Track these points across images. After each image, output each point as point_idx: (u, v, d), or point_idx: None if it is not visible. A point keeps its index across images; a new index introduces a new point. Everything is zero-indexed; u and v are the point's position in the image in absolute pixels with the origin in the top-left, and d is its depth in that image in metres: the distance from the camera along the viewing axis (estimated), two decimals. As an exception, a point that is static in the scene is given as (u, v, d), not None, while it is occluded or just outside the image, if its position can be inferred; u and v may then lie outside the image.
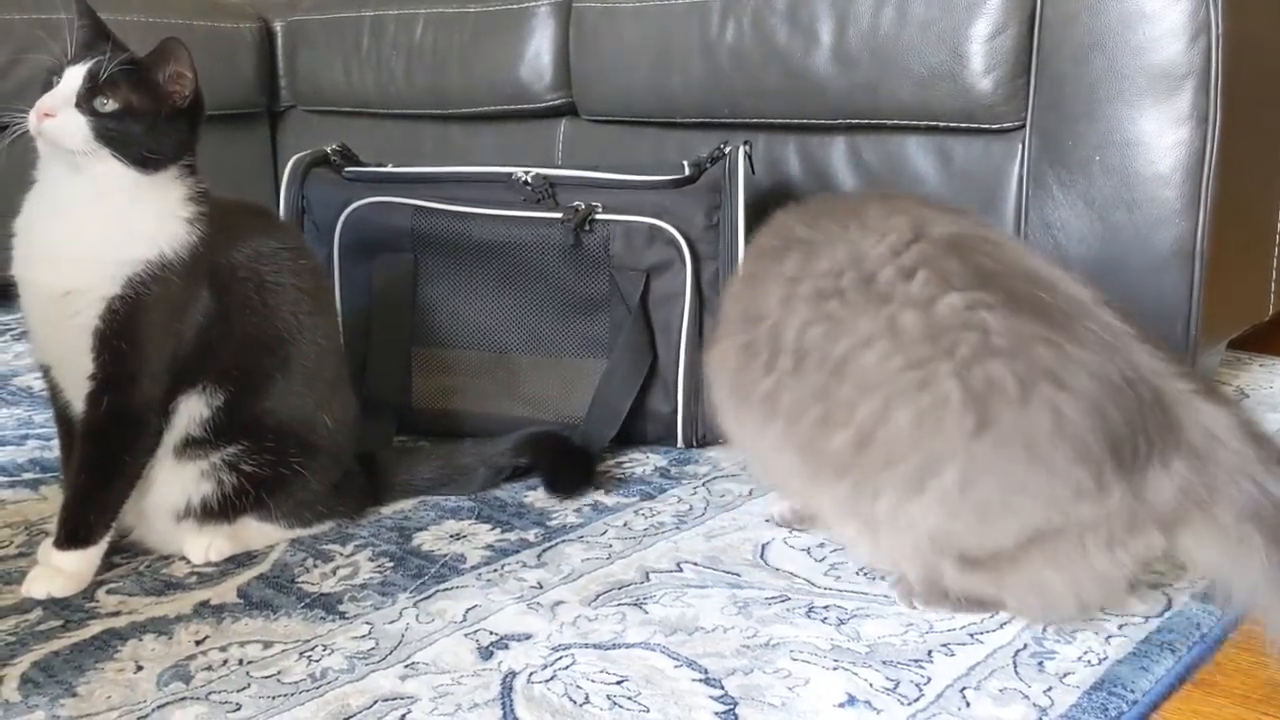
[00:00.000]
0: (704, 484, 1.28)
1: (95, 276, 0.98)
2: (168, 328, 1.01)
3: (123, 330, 0.98)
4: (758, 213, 1.46)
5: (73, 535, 1.00)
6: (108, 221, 0.99)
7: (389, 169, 1.52)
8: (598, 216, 1.40)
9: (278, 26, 2.40)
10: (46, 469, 1.32)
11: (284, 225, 1.16)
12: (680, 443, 1.41)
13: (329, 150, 1.53)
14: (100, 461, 1.01)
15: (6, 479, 1.29)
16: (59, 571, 1.01)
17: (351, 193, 1.47)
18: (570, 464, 1.27)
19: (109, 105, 0.97)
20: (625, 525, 1.16)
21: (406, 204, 1.45)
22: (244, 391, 1.06)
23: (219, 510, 1.07)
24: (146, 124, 0.99)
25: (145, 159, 0.99)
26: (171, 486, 1.06)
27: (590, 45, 1.82)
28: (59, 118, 0.96)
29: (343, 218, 1.45)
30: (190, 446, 1.05)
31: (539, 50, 1.91)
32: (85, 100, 0.97)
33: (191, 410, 1.04)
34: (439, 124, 2.11)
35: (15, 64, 2.12)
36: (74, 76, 0.98)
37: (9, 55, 2.10)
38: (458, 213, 1.43)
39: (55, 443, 1.39)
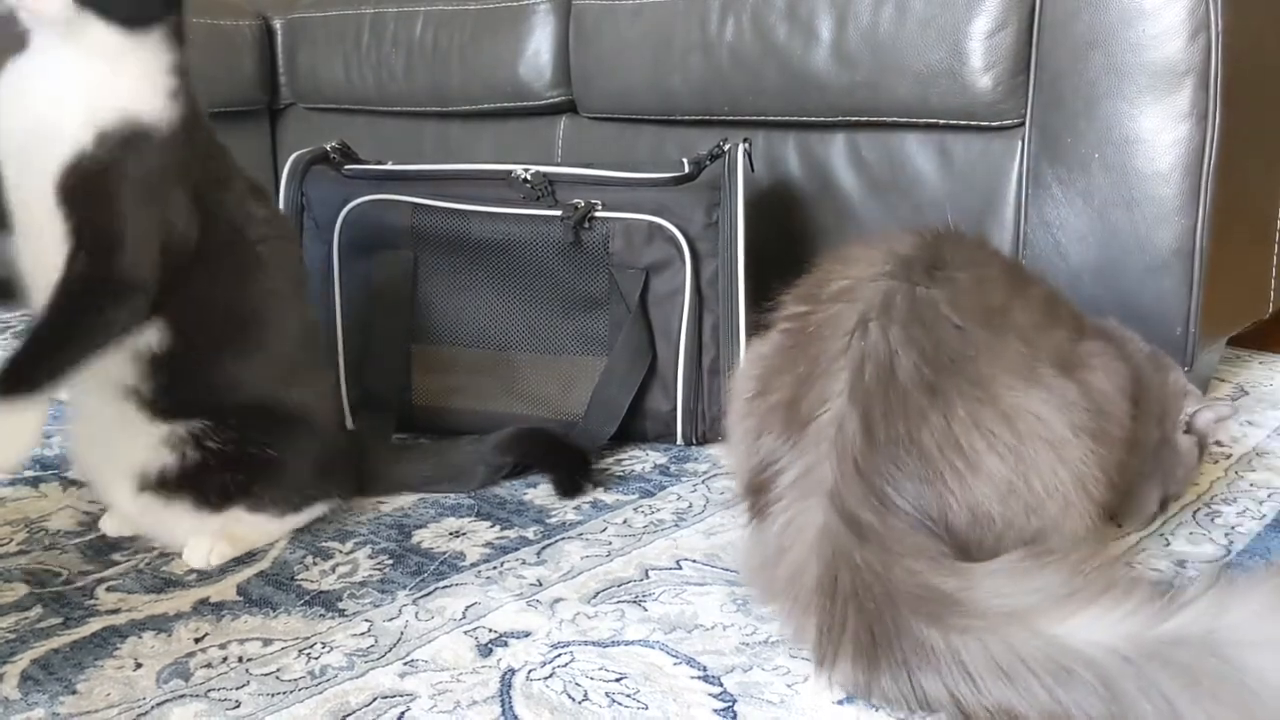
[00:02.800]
0: (703, 481, 1.29)
1: (69, 123, 0.94)
2: (145, 199, 0.96)
3: (90, 188, 0.94)
4: (757, 210, 1.47)
5: (13, 382, 0.92)
6: (88, 78, 0.96)
7: (389, 166, 1.52)
8: (597, 214, 1.40)
9: (277, 24, 2.40)
10: (46, 466, 1.32)
11: (269, 195, 1.15)
12: (680, 440, 1.41)
13: (328, 148, 1.53)
14: (67, 318, 0.95)
15: (5, 476, 1.29)
16: (5, 431, 0.92)
17: (351, 190, 1.47)
18: (567, 464, 1.27)
19: None
20: (625, 522, 1.16)
21: (406, 201, 1.45)
22: (203, 349, 1.03)
23: (186, 487, 1.05)
24: None
25: (130, 16, 0.96)
26: (131, 442, 1.03)
27: (590, 43, 1.82)
28: None
29: (342, 215, 1.45)
30: (144, 403, 1.03)
31: (539, 48, 1.91)
32: None
33: (148, 340, 1.00)
34: (439, 121, 2.11)
35: None
36: None
37: None
38: (457, 210, 1.43)
39: (55, 440, 1.40)
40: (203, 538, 1.07)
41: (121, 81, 0.97)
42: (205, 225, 1.02)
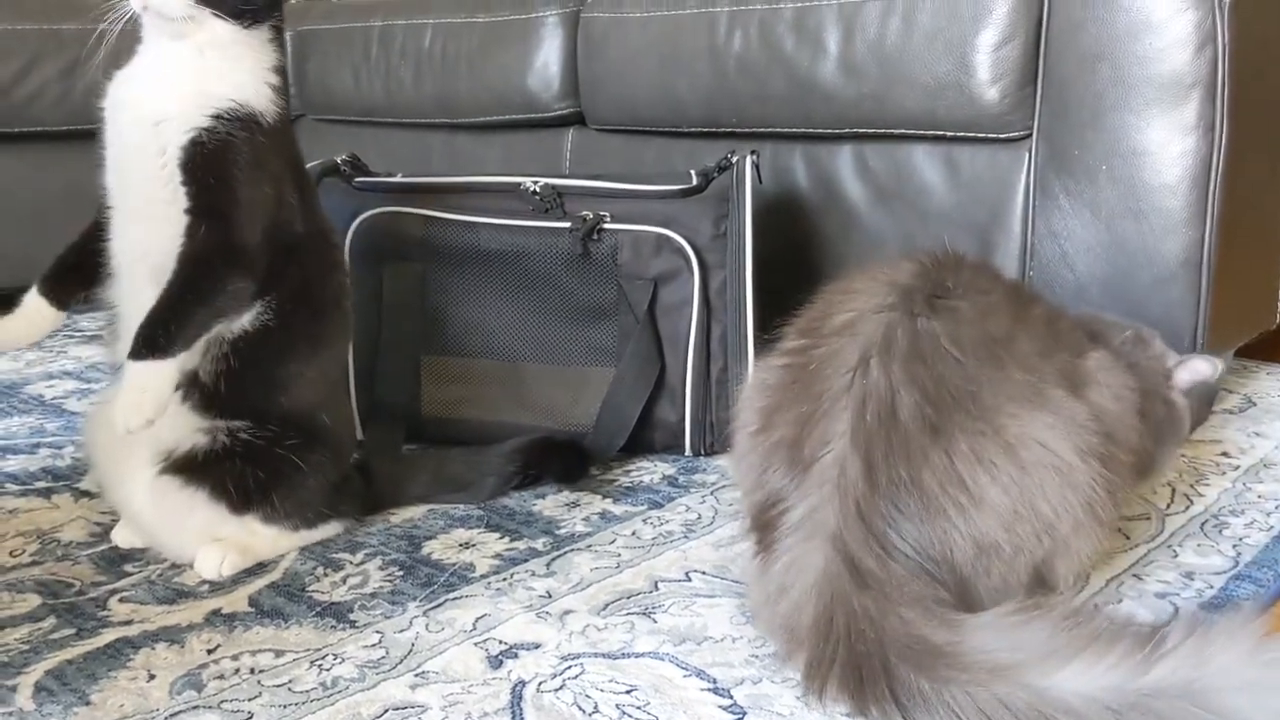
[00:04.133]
0: (712, 492, 1.29)
1: (185, 107, 1.02)
2: (257, 177, 1.04)
3: (210, 163, 1.02)
4: (765, 221, 1.47)
5: (151, 342, 0.99)
6: (204, 68, 1.04)
7: (399, 179, 1.53)
8: (606, 226, 1.41)
9: (287, 35, 2.41)
10: (59, 477, 1.33)
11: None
12: (688, 451, 1.41)
13: (339, 160, 1.54)
14: (194, 282, 1.02)
15: (18, 487, 1.30)
16: (139, 390, 0.99)
17: (362, 202, 1.48)
18: (567, 456, 1.31)
19: None
20: (634, 534, 1.17)
21: (416, 214, 1.45)
22: (278, 342, 1.08)
23: (206, 472, 1.07)
24: None
25: (243, 10, 1.04)
26: (168, 424, 1.05)
27: (598, 55, 1.83)
28: None
29: (353, 227, 1.46)
30: (199, 391, 1.06)
31: (547, 60, 1.91)
32: None
33: (241, 323, 1.06)
34: (447, 133, 2.11)
35: (28, 72, 2.14)
36: None
37: (23, 63, 2.13)
38: (467, 222, 1.44)
39: (66, 451, 1.41)
40: (214, 547, 1.08)
41: (234, 72, 1.05)
42: (304, 218, 1.10)
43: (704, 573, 1.07)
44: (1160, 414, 1.09)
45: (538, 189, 1.44)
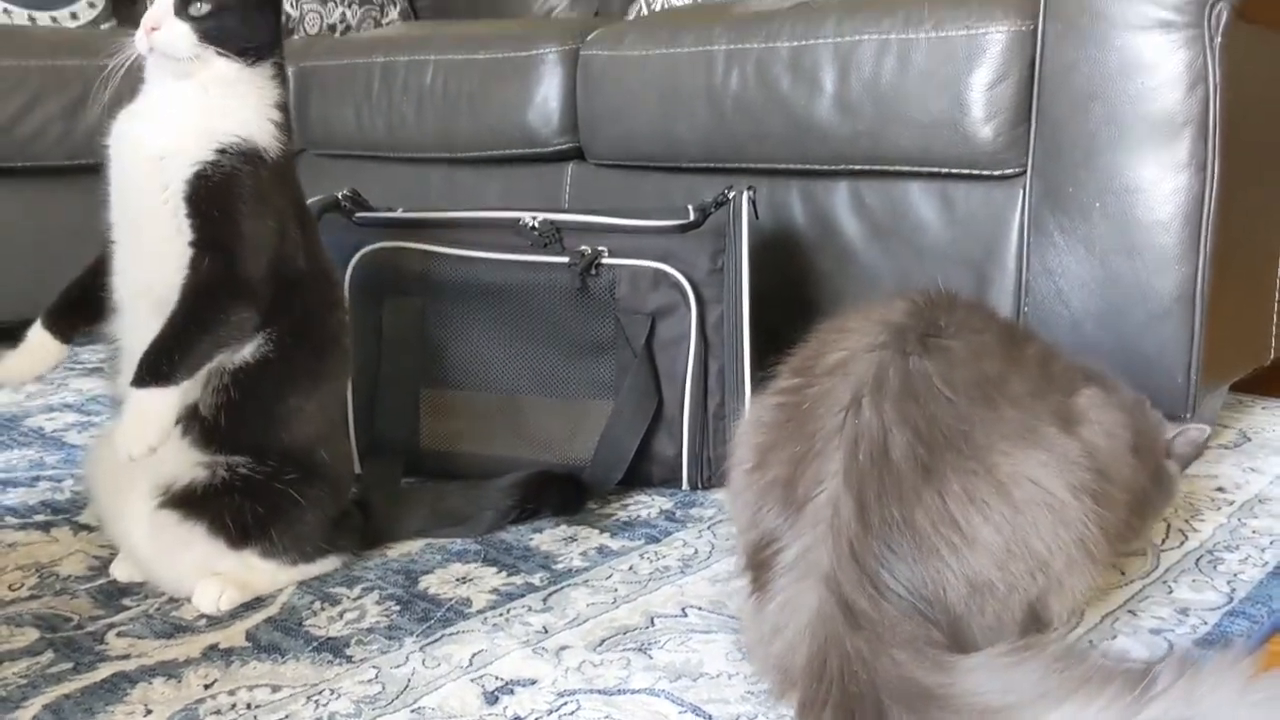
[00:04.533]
0: (709, 527, 1.29)
1: (189, 142, 1.04)
2: (260, 211, 1.06)
3: (214, 196, 1.03)
4: (762, 256, 1.48)
5: (154, 370, 1.00)
6: (207, 104, 1.06)
7: (399, 214, 1.54)
8: (604, 261, 1.42)
9: (290, 71, 2.43)
10: (58, 511, 1.33)
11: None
12: (685, 485, 1.42)
13: (340, 196, 1.55)
14: (198, 312, 1.03)
15: (17, 521, 1.31)
16: (143, 416, 1.00)
17: (362, 237, 1.49)
18: (564, 489, 1.32)
19: (204, 7, 1.04)
20: (630, 569, 1.17)
21: (416, 249, 1.47)
22: (280, 376, 1.09)
23: (204, 506, 1.07)
24: (239, 16, 1.06)
25: (246, 49, 1.06)
26: (167, 458, 1.06)
27: (597, 92, 1.85)
28: (164, 29, 1.04)
29: (354, 262, 1.47)
30: (199, 425, 1.07)
31: (547, 96, 1.93)
32: (182, 8, 1.04)
33: (243, 355, 1.07)
34: (448, 167, 2.13)
35: (31, 108, 2.16)
36: None
37: (26, 99, 2.15)
38: (466, 257, 1.45)
39: (66, 484, 1.42)
40: (212, 582, 1.08)
41: (238, 109, 1.07)
42: (306, 253, 1.11)
43: (700, 608, 1.07)
44: (1150, 479, 1.09)
45: (536, 224, 1.46)
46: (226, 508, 1.08)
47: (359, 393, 1.46)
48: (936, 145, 1.48)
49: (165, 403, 1.01)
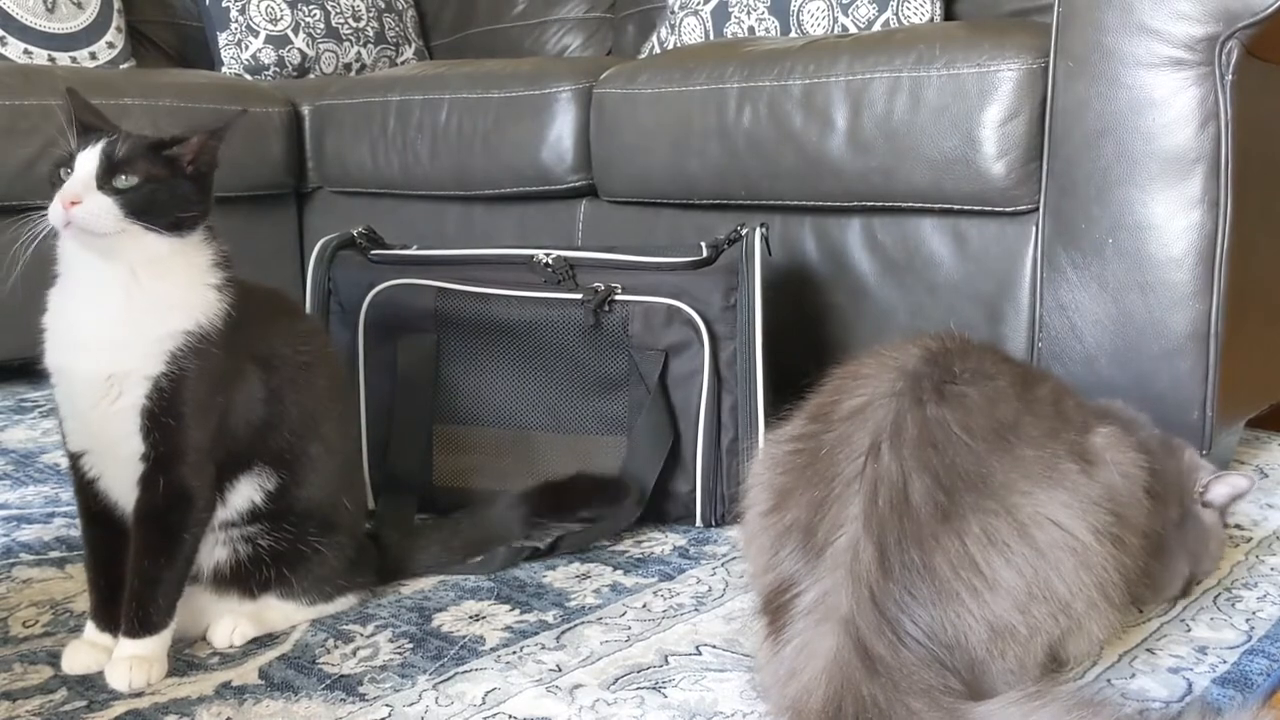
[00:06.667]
0: (723, 564, 1.29)
1: (138, 356, 0.97)
2: (212, 402, 1.01)
3: (170, 407, 0.98)
4: (775, 293, 1.49)
5: (145, 622, 1.00)
6: (143, 298, 0.98)
7: (413, 251, 1.55)
8: (617, 297, 1.42)
9: (305, 110, 2.46)
10: (73, 547, 1.34)
11: (301, 309, 1.20)
12: (699, 522, 1.42)
13: (355, 233, 1.57)
14: (161, 544, 1.00)
15: (33, 557, 1.31)
16: (141, 658, 0.99)
17: (377, 275, 1.50)
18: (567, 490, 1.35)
19: (130, 180, 0.96)
20: (644, 606, 1.17)
21: (430, 285, 1.47)
22: (294, 474, 1.09)
23: (231, 580, 1.08)
24: (168, 188, 0.98)
25: (177, 222, 0.99)
26: None
27: (610, 129, 1.87)
28: (86, 203, 0.94)
29: (368, 299, 1.48)
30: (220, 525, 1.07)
31: (560, 134, 1.95)
32: (105, 179, 0.95)
33: (244, 492, 1.06)
34: (462, 205, 2.15)
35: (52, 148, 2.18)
36: (87, 160, 0.96)
37: (47, 139, 2.17)
38: (480, 294, 1.46)
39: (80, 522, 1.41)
40: (226, 617, 1.08)
41: (177, 294, 1.00)
42: (271, 364, 1.07)
43: (715, 646, 1.07)
44: (1175, 523, 1.08)
45: (550, 261, 1.46)
46: (252, 576, 1.09)
47: (373, 429, 1.47)
48: (949, 182, 1.49)
49: (162, 642, 1.02)
